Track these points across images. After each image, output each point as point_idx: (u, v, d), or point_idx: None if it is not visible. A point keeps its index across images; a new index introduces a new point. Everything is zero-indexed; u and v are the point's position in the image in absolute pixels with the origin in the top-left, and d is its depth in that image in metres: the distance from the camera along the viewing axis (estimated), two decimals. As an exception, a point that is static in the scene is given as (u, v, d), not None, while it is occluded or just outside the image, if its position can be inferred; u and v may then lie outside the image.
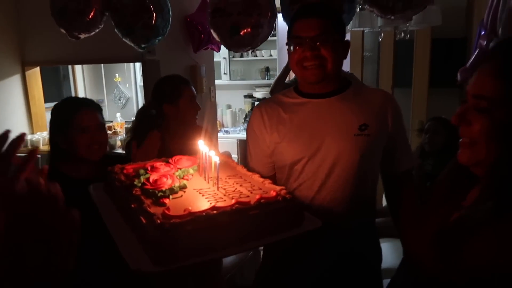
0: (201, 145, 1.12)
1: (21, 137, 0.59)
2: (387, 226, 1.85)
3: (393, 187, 1.48)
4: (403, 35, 2.84)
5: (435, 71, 3.65)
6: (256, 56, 4.84)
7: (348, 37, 1.40)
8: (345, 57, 1.36)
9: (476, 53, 2.35)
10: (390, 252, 2.07)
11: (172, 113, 2.02)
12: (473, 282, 0.73)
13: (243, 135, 4.24)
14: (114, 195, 1.14)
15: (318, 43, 1.26)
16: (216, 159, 1.00)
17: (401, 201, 1.40)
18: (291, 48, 1.32)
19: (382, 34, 3.14)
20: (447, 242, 0.78)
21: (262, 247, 1.54)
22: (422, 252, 0.84)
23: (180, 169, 1.15)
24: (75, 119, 1.45)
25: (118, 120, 3.66)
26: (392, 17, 1.92)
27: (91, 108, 1.52)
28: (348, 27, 3.09)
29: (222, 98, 4.84)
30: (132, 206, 0.94)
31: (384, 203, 2.69)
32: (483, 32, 2.35)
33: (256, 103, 4.60)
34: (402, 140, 1.42)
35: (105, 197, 1.18)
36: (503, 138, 0.72)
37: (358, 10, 2.92)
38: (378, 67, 4.05)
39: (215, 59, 3.97)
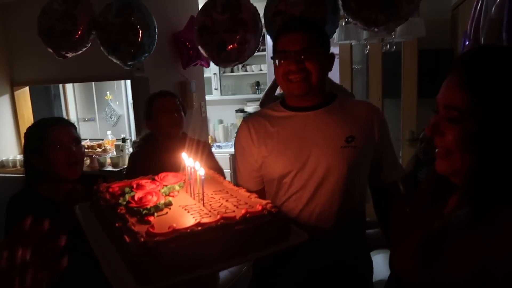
0: (186, 159, 1.11)
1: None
2: (379, 237, 1.84)
3: (381, 198, 1.48)
4: (388, 47, 2.89)
5: (423, 82, 3.70)
6: (247, 71, 4.87)
7: (336, 50, 1.42)
8: (330, 70, 1.38)
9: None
10: (382, 264, 2.05)
11: (154, 128, 2.02)
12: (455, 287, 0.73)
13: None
14: (100, 214, 1.12)
15: (302, 57, 1.27)
16: (201, 173, 1.00)
17: (390, 213, 1.40)
18: (277, 62, 1.33)
19: (368, 46, 3.19)
20: (429, 250, 0.78)
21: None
22: (406, 261, 0.84)
23: (166, 186, 1.14)
24: (48, 134, 1.43)
25: (109, 137, 3.65)
26: (376, 29, 1.94)
27: (64, 123, 1.52)
28: (335, 40, 3.13)
29: (213, 113, 4.85)
30: (117, 225, 0.93)
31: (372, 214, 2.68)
32: (467, 43, 2.39)
33: (247, 117, 4.61)
34: (388, 151, 1.43)
35: (91, 217, 1.16)
36: (475, 147, 0.73)
37: (343, 23, 2.97)
38: (367, 79, 4.09)
39: (205, 75, 3.99)
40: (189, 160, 1.10)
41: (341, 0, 1.91)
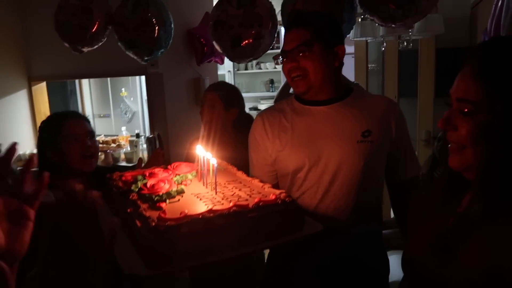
0: (199, 150, 1.11)
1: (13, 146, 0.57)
2: (395, 238, 1.80)
3: (399, 195, 1.45)
4: (405, 44, 2.84)
5: (440, 81, 3.63)
6: (261, 69, 4.87)
7: (351, 49, 1.40)
8: (338, 64, 1.32)
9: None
10: (397, 265, 2.01)
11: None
12: (467, 284, 0.72)
13: (248, 147, 4.22)
14: (112, 202, 1.12)
15: (297, 55, 1.27)
16: (214, 162, 0.99)
17: (407, 210, 1.37)
18: (280, 61, 1.35)
19: (385, 43, 3.14)
20: (443, 245, 0.78)
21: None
22: (419, 256, 0.83)
23: (179, 174, 1.13)
24: (63, 127, 1.44)
25: (124, 134, 3.67)
26: (393, 25, 1.91)
27: (78, 117, 1.53)
28: (350, 37, 3.10)
29: (227, 111, 4.85)
30: (128, 210, 0.93)
31: (392, 214, 2.64)
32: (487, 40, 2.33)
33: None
34: (406, 147, 1.40)
35: (104, 205, 1.16)
36: (488, 141, 0.71)
37: (359, 20, 2.94)
38: (383, 78, 4.04)
39: (219, 72, 4.00)
40: (201, 150, 1.09)
41: (358, -4, 1.89)
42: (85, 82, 4.27)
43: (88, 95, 4.38)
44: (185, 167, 1.20)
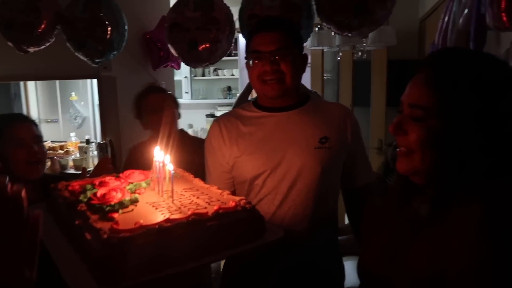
0: (157, 153, 1.05)
1: None
2: (350, 244, 1.83)
3: (353, 201, 1.47)
4: (360, 54, 2.93)
5: (392, 91, 3.79)
6: (218, 75, 4.83)
7: (308, 58, 1.41)
8: (304, 71, 1.36)
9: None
10: (352, 271, 2.04)
11: (147, 128, 1.96)
12: (414, 286, 0.74)
13: (205, 155, 4.16)
14: (57, 214, 1.03)
15: (277, 57, 1.25)
16: (170, 168, 0.94)
17: (361, 216, 1.40)
18: (250, 62, 1.30)
19: (341, 53, 3.23)
20: (394, 248, 0.80)
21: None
22: (374, 261, 0.85)
23: (132, 183, 1.07)
24: (7, 131, 1.33)
25: (73, 139, 3.49)
26: (349, 34, 1.96)
27: (25, 119, 1.42)
28: (307, 46, 3.15)
29: (183, 118, 4.71)
30: (76, 223, 0.85)
31: (347, 221, 2.69)
32: (434, 52, 2.46)
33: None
34: (361, 154, 1.42)
35: (48, 218, 1.07)
36: (437, 146, 0.74)
37: (317, 29, 3.00)
38: (338, 87, 4.15)
39: (176, 78, 3.92)
40: (158, 155, 1.03)
41: (316, 5, 1.92)
42: (31, 84, 4.01)
43: (34, 98, 4.11)
44: (139, 175, 1.14)
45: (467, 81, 0.73)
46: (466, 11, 1.98)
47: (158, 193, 1.02)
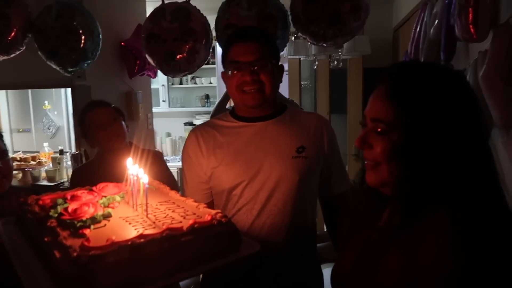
0: (130, 165, 1.03)
1: None
2: (328, 251, 1.84)
3: (331, 210, 1.48)
4: (336, 63, 2.98)
5: (368, 98, 3.86)
6: (196, 84, 4.81)
7: (286, 66, 1.43)
8: (281, 81, 1.37)
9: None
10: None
11: (94, 145, 1.82)
12: None
13: (183, 163, 4.12)
14: (27, 229, 1.00)
15: (256, 68, 1.25)
16: (145, 180, 0.92)
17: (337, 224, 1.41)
18: (229, 73, 1.30)
19: (317, 62, 3.27)
20: (365, 261, 0.80)
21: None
22: (345, 273, 0.86)
23: (105, 196, 1.04)
24: None
25: (46, 150, 3.38)
26: (324, 44, 1.99)
27: None
28: (285, 54, 3.18)
29: (161, 126, 4.70)
30: (45, 239, 0.82)
31: (325, 228, 2.71)
32: (407, 61, 2.52)
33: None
34: (337, 162, 1.44)
35: (17, 233, 1.03)
36: (401, 157, 0.76)
37: (293, 38, 3.03)
38: (315, 95, 4.20)
39: (153, 86, 3.88)
40: (132, 168, 1.01)
41: (291, 15, 1.94)
42: (1, 93, 3.89)
43: (5, 107, 3.98)
44: (113, 188, 1.11)
45: (422, 93, 0.75)
46: (436, 22, 2.05)
47: (132, 207, 1.00)
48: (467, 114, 0.75)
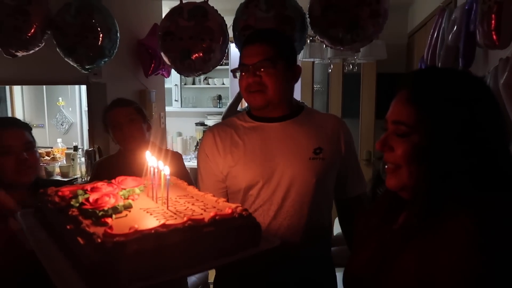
0: (149, 158, 1.03)
1: None
2: (342, 255, 1.83)
3: (346, 212, 1.47)
4: (351, 67, 2.98)
5: (380, 103, 3.84)
6: (208, 84, 4.83)
7: (301, 69, 1.42)
8: (295, 82, 1.37)
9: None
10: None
11: (115, 142, 1.87)
12: None
13: (194, 163, 4.13)
14: (46, 220, 1.00)
15: (261, 70, 1.26)
16: (166, 171, 0.92)
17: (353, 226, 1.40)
18: (237, 74, 1.33)
19: (332, 65, 3.27)
20: (380, 261, 0.81)
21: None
22: (361, 273, 0.86)
23: (124, 189, 1.05)
24: None
25: (59, 146, 3.43)
26: (341, 48, 1.99)
27: (16, 125, 1.38)
28: (299, 57, 3.19)
29: (172, 125, 4.73)
30: (68, 227, 0.83)
31: (337, 231, 2.70)
32: (423, 68, 2.52)
33: (207, 131, 4.55)
34: (354, 164, 1.43)
35: (36, 224, 1.04)
36: (422, 160, 0.77)
37: (308, 41, 3.03)
38: (328, 99, 4.19)
39: (166, 86, 3.90)
40: (152, 160, 1.02)
41: (310, 18, 1.94)
42: (17, 88, 3.95)
43: (20, 103, 4.04)
44: (132, 181, 1.12)
45: (443, 98, 0.76)
46: (455, 28, 2.03)
47: (152, 199, 1.01)
48: (489, 119, 0.77)
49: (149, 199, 1.02)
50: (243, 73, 1.30)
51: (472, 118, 0.75)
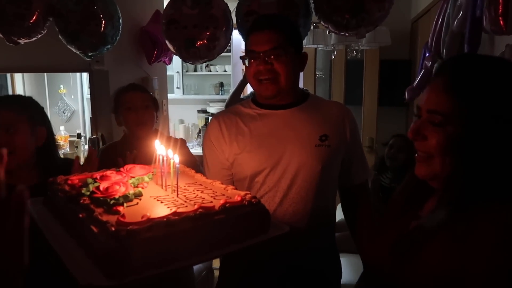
0: (158, 146, 1.04)
1: None
2: (345, 241, 1.85)
3: (350, 199, 1.48)
4: (354, 53, 2.96)
5: (383, 91, 3.83)
6: (210, 71, 4.81)
7: (307, 57, 1.41)
8: (302, 70, 1.37)
9: (422, 73, 2.49)
10: (348, 267, 2.07)
11: (121, 125, 1.89)
12: (429, 285, 0.74)
13: (196, 150, 4.14)
14: (57, 208, 1.01)
15: (271, 57, 1.25)
16: (176, 160, 0.93)
17: (357, 213, 1.41)
18: (246, 62, 1.31)
19: (335, 52, 3.25)
20: (405, 249, 0.79)
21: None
22: (381, 260, 0.85)
23: (134, 177, 1.06)
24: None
25: (62, 133, 3.43)
26: (346, 34, 1.97)
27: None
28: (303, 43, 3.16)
29: (174, 113, 4.72)
30: (80, 216, 0.84)
31: (339, 217, 2.72)
32: (427, 54, 2.49)
33: (210, 118, 4.54)
34: (358, 152, 1.44)
35: (46, 213, 1.05)
36: (457, 151, 0.74)
37: (312, 27, 3.00)
38: (330, 86, 4.18)
39: (168, 73, 3.88)
40: (161, 149, 1.03)
41: (314, 3, 1.93)
42: (18, 77, 3.93)
43: (21, 90, 4.03)
44: (140, 169, 1.13)
45: (485, 87, 0.73)
46: (461, 13, 2.01)
47: (161, 187, 1.01)
48: None
49: (158, 187, 1.03)
50: (252, 60, 1.28)
51: None
